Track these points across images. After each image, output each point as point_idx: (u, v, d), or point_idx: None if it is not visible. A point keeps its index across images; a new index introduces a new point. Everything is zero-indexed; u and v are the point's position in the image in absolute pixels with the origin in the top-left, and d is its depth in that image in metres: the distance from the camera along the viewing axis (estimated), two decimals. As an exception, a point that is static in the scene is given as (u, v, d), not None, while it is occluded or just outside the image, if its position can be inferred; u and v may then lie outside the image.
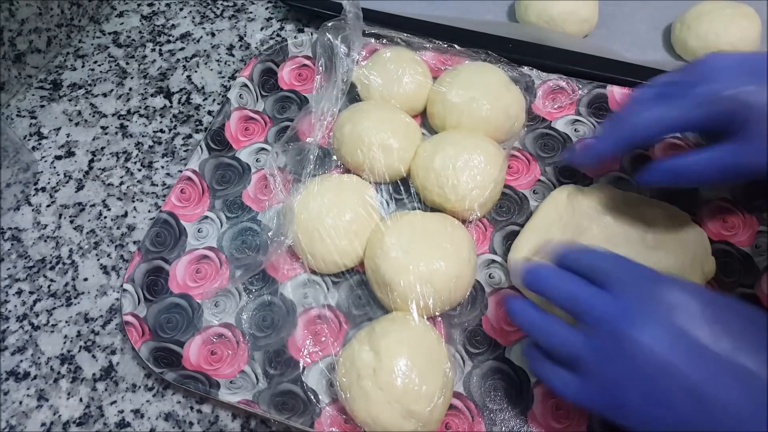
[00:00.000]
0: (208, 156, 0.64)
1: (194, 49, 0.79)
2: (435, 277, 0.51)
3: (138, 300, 0.55)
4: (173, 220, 0.60)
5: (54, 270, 0.60)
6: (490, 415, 0.49)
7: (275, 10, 0.82)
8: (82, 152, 0.69)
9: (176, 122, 0.71)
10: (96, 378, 0.54)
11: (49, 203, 0.65)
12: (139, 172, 0.67)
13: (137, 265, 0.56)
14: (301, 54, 0.73)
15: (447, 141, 0.60)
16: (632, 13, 0.78)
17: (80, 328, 0.57)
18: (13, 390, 0.54)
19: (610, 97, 0.67)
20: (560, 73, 0.68)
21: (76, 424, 0.52)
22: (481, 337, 0.53)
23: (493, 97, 0.62)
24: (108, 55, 0.78)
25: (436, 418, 0.47)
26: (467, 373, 0.52)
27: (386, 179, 0.60)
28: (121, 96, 0.74)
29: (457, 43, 0.69)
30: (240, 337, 0.54)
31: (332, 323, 0.54)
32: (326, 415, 0.49)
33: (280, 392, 0.51)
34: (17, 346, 0.56)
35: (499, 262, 0.57)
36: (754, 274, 0.55)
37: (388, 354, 0.46)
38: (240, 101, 0.68)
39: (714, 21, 0.69)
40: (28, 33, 0.72)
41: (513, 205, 0.61)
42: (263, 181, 0.63)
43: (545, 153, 0.64)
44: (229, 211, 0.61)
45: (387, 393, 0.45)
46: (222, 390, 0.50)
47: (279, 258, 0.56)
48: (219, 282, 0.57)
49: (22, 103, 0.73)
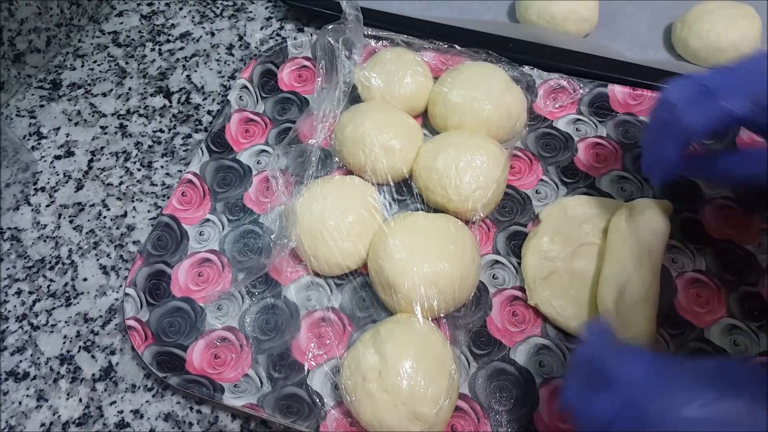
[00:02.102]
0: (208, 158, 0.63)
1: (194, 48, 0.78)
2: (439, 278, 0.51)
3: (140, 304, 0.54)
4: (174, 223, 0.59)
5: (53, 270, 0.60)
6: (495, 417, 0.49)
7: (275, 10, 0.82)
8: (81, 152, 0.68)
9: (176, 122, 0.71)
10: (95, 378, 0.54)
11: (48, 203, 0.64)
12: (138, 172, 0.67)
13: (139, 268, 0.56)
14: (301, 55, 0.73)
15: (449, 141, 0.60)
16: (633, 13, 0.78)
17: (80, 328, 0.57)
18: (13, 390, 0.53)
19: (612, 96, 0.67)
20: (561, 73, 0.68)
21: (75, 424, 0.52)
22: (485, 338, 0.53)
23: (495, 97, 0.62)
24: (107, 55, 0.78)
25: (442, 420, 0.46)
26: (472, 374, 0.51)
27: (388, 180, 0.60)
28: (120, 96, 0.73)
29: (457, 43, 0.69)
30: (243, 340, 0.54)
31: (336, 326, 0.54)
32: (331, 418, 0.49)
33: (284, 396, 0.51)
34: (17, 347, 0.56)
35: (502, 263, 0.57)
36: (758, 273, 0.56)
37: (394, 356, 0.46)
38: (240, 103, 0.68)
39: (715, 21, 0.69)
40: (28, 33, 0.72)
41: (516, 206, 0.61)
42: (264, 183, 0.63)
43: (547, 153, 0.64)
44: (230, 213, 0.61)
45: (393, 395, 0.45)
46: (226, 394, 0.50)
47: (282, 260, 0.56)
48: (221, 285, 0.57)
49: (22, 103, 0.72)
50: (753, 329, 0.53)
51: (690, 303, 0.54)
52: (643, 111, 0.66)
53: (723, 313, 0.54)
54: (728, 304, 0.54)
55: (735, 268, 0.56)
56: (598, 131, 0.66)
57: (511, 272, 0.57)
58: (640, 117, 0.66)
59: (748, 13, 0.70)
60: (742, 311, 0.54)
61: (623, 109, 0.67)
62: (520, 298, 0.55)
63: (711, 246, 0.57)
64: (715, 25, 0.69)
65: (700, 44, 0.70)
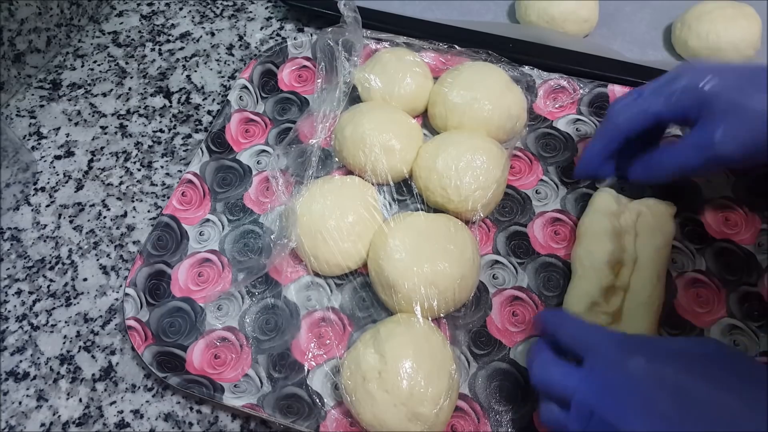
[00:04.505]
0: (208, 158, 0.63)
1: (194, 48, 0.78)
2: (439, 278, 0.51)
3: (140, 304, 0.54)
4: (174, 223, 0.59)
5: (53, 270, 0.60)
6: (495, 417, 0.49)
7: (275, 10, 0.82)
8: (81, 152, 0.68)
9: (176, 122, 0.71)
10: (95, 378, 0.54)
11: (48, 203, 0.64)
12: (138, 172, 0.67)
13: (139, 269, 0.56)
14: (300, 55, 0.73)
15: (449, 142, 0.60)
16: (632, 13, 0.78)
17: (80, 328, 0.57)
18: (13, 390, 0.53)
19: (612, 96, 0.67)
20: (561, 73, 0.68)
21: (75, 424, 0.52)
22: (485, 338, 0.53)
23: (495, 97, 0.62)
24: (107, 55, 0.78)
25: (442, 420, 0.46)
26: (472, 374, 0.51)
27: (388, 180, 0.60)
28: (120, 96, 0.73)
29: (457, 43, 0.69)
30: (243, 340, 0.54)
31: (336, 326, 0.54)
32: (331, 418, 0.49)
33: (284, 395, 0.51)
34: (17, 347, 0.56)
35: (502, 263, 0.57)
36: (758, 272, 0.56)
37: (394, 356, 0.46)
38: (240, 103, 0.68)
39: (715, 21, 0.70)
40: (28, 33, 0.72)
41: (516, 206, 0.61)
42: (264, 183, 0.63)
43: (547, 153, 0.64)
44: (230, 213, 0.61)
45: (393, 395, 0.45)
46: (226, 394, 0.50)
47: (282, 260, 0.56)
48: (221, 285, 0.57)
49: (22, 103, 0.72)
50: (753, 329, 0.53)
51: (690, 303, 0.54)
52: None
53: (723, 313, 0.54)
54: (728, 304, 0.54)
55: (735, 268, 0.56)
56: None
57: (511, 272, 0.57)
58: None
59: (748, 13, 0.70)
60: (742, 311, 0.54)
61: (623, 109, 0.67)
62: (520, 298, 0.55)
63: (711, 246, 0.57)
64: (714, 25, 0.69)
65: (699, 44, 0.70)
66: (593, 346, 0.41)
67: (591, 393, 0.38)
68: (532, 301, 0.55)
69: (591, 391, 0.38)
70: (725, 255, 0.57)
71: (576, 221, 0.59)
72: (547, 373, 0.42)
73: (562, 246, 0.58)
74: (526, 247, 0.58)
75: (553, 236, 0.59)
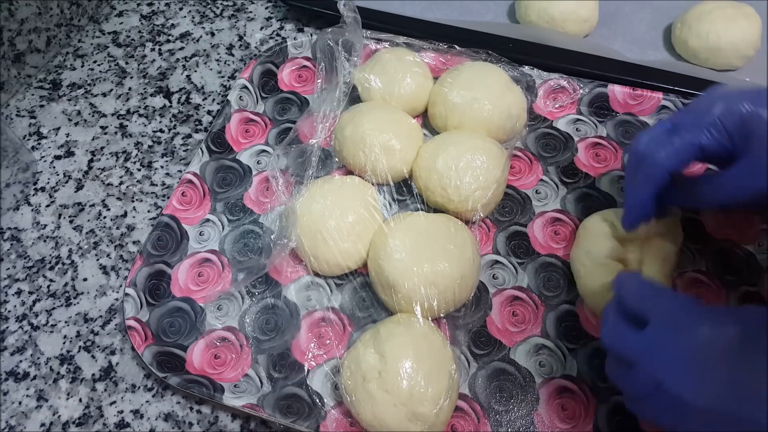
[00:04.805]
0: (208, 158, 0.63)
1: (194, 48, 0.78)
2: (439, 278, 0.51)
3: (140, 304, 0.54)
4: (174, 223, 0.59)
5: (53, 270, 0.60)
6: (495, 417, 0.49)
7: (275, 10, 0.82)
8: (81, 152, 0.68)
9: (176, 122, 0.71)
10: (95, 378, 0.54)
11: (48, 203, 0.64)
12: (138, 172, 0.67)
13: (139, 269, 0.56)
14: (300, 55, 0.73)
15: (449, 142, 0.60)
16: (632, 13, 0.78)
17: (80, 328, 0.57)
18: (13, 390, 0.53)
19: (611, 96, 0.67)
20: (561, 73, 0.68)
21: (75, 424, 0.52)
22: (485, 338, 0.53)
23: (495, 97, 0.62)
24: (107, 55, 0.78)
25: (442, 420, 0.46)
26: (472, 374, 0.51)
27: (388, 180, 0.60)
28: (120, 96, 0.73)
29: (457, 43, 0.69)
30: (243, 340, 0.54)
31: (336, 326, 0.54)
32: (331, 418, 0.49)
33: (284, 396, 0.51)
34: (17, 347, 0.56)
35: (502, 263, 0.57)
36: (758, 273, 0.56)
37: (394, 356, 0.46)
38: (240, 103, 0.68)
39: (715, 21, 0.70)
40: (28, 33, 0.72)
41: (516, 206, 0.61)
42: (264, 183, 0.63)
43: (547, 153, 0.64)
44: (230, 213, 0.61)
45: (393, 395, 0.45)
46: (226, 394, 0.50)
47: (282, 261, 0.56)
48: (221, 285, 0.57)
49: (22, 103, 0.72)
50: (753, 329, 0.53)
51: (690, 303, 0.54)
52: (643, 111, 0.66)
53: (723, 313, 0.54)
54: (728, 305, 0.54)
55: (735, 268, 0.56)
56: (598, 131, 0.66)
57: (511, 272, 0.57)
58: (640, 117, 0.66)
59: (748, 13, 0.70)
60: (742, 311, 0.54)
61: (623, 109, 0.67)
62: (520, 298, 0.55)
63: (711, 246, 0.57)
64: (714, 25, 0.69)
65: (699, 44, 0.70)
66: (659, 310, 0.41)
67: (657, 364, 0.39)
68: (532, 301, 0.55)
69: (657, 360, 0.39)
70: (725, 255, 0.57)
71: (576, 221, 0.59)
72: (613, 335, 0.42)
73: (562, 246, 0.58)
74: (526, 247, 0.58)
75: (553, 236, 0.59)
